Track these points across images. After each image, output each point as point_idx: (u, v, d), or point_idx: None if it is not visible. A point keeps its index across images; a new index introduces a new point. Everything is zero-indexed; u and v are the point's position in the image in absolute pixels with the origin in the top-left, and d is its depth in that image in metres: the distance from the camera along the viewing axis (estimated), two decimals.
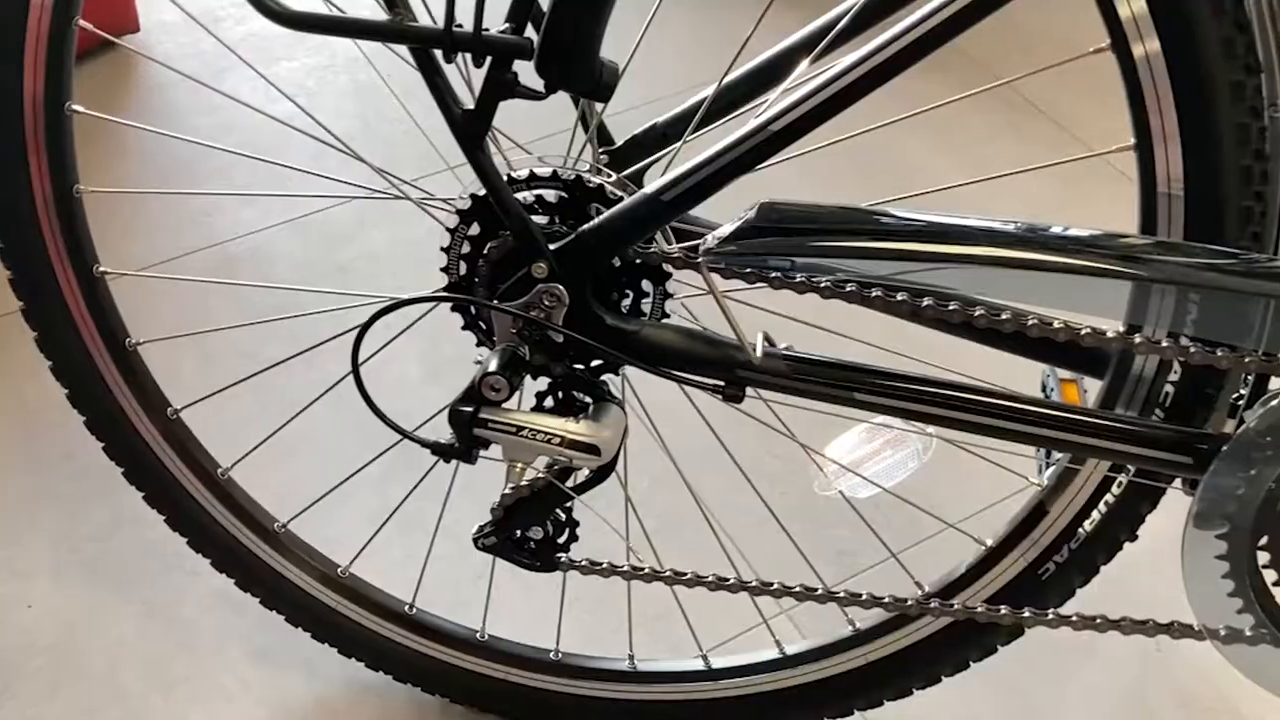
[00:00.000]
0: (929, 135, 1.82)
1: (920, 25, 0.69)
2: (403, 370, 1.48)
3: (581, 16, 0.70)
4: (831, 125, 0.75)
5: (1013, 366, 0.91)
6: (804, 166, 0.86)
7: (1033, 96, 1.89)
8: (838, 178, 1.60)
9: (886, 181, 1.73)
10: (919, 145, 1.81)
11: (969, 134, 1.84)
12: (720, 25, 0.77)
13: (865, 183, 1.65)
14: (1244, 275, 0.75)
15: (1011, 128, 1.86)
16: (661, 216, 0.78)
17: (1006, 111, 1.88)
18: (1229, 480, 0.79)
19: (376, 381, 0.87)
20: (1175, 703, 1.21)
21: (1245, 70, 0.72)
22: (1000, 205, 1.72)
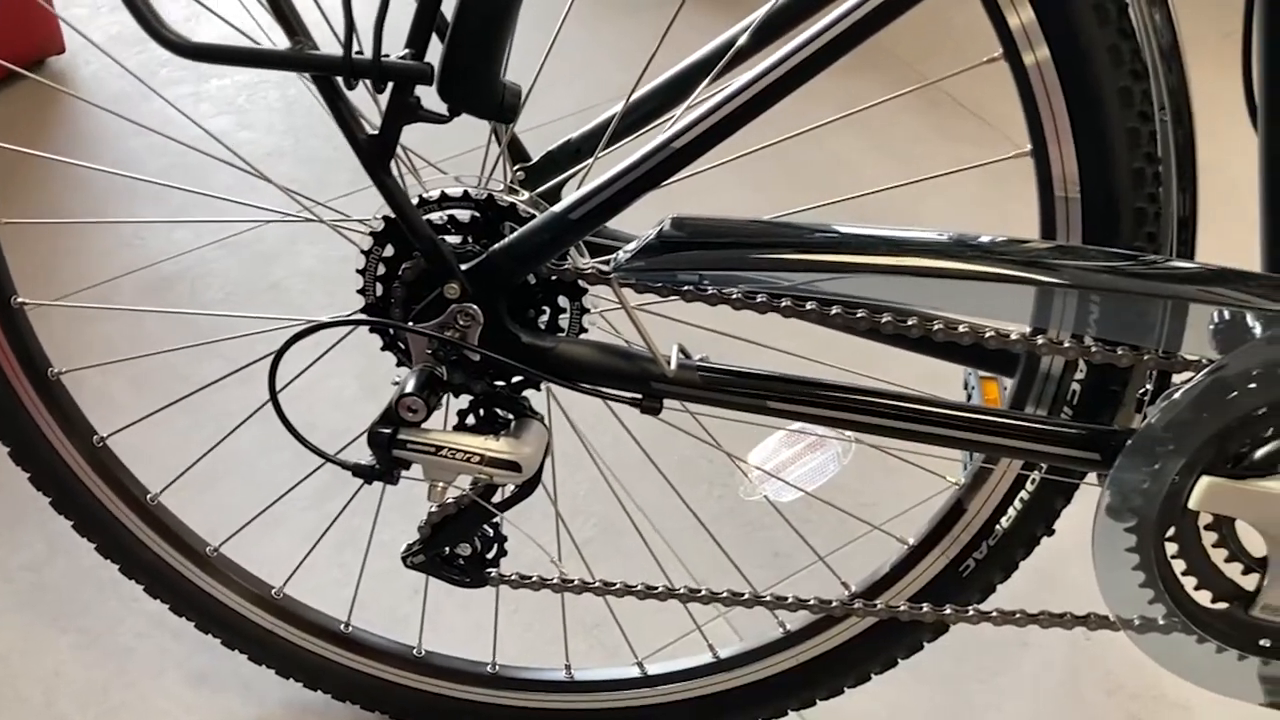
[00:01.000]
0: (860, 137, 1.84)
1: (813, 42, 0.71)
2: (340, 387, 1.48)
3: (480, 41, 0.71)
4: (763, 127, 0.76)
5: (939, 368, 0.93)
6: (737, 170, 0.88)
7: (961, 97, 1.91)
8: (770, 181, 1.62)
9: (818, 183, 1.75)
10: (851, 147, 1.83)
11: (899, 134, 1.87)
12: (658, 30, 0.79)
13: (797, 185, 1.67)
14: (1140, 277, 0.77)
15: (941, 128, 1.88)
16: (571, 234, 0.79)
17: (935, 112, 1.90)
18: (1134, 475, 0.81)
19: (313, 400, 0.87)
20: (1105, 689, 1.24)
21: (1132, 76, 0.74)
22: (930, 204, 1.76)
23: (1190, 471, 0.80)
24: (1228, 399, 0.77)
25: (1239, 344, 0.77)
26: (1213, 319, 0.80)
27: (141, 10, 0.69)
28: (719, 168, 0.82)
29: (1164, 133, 0.78)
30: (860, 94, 0.89)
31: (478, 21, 0.70)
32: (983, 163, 0.84)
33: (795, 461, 0.97)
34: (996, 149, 0.82)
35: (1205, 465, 0.79)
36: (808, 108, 0.88)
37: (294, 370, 1.01)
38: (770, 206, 0.88)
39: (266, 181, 0.94)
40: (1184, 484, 0.80)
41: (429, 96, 0.76)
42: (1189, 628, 0.86)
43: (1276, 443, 0.79)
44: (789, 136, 0.90)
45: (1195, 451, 0.79)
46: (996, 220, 1.68)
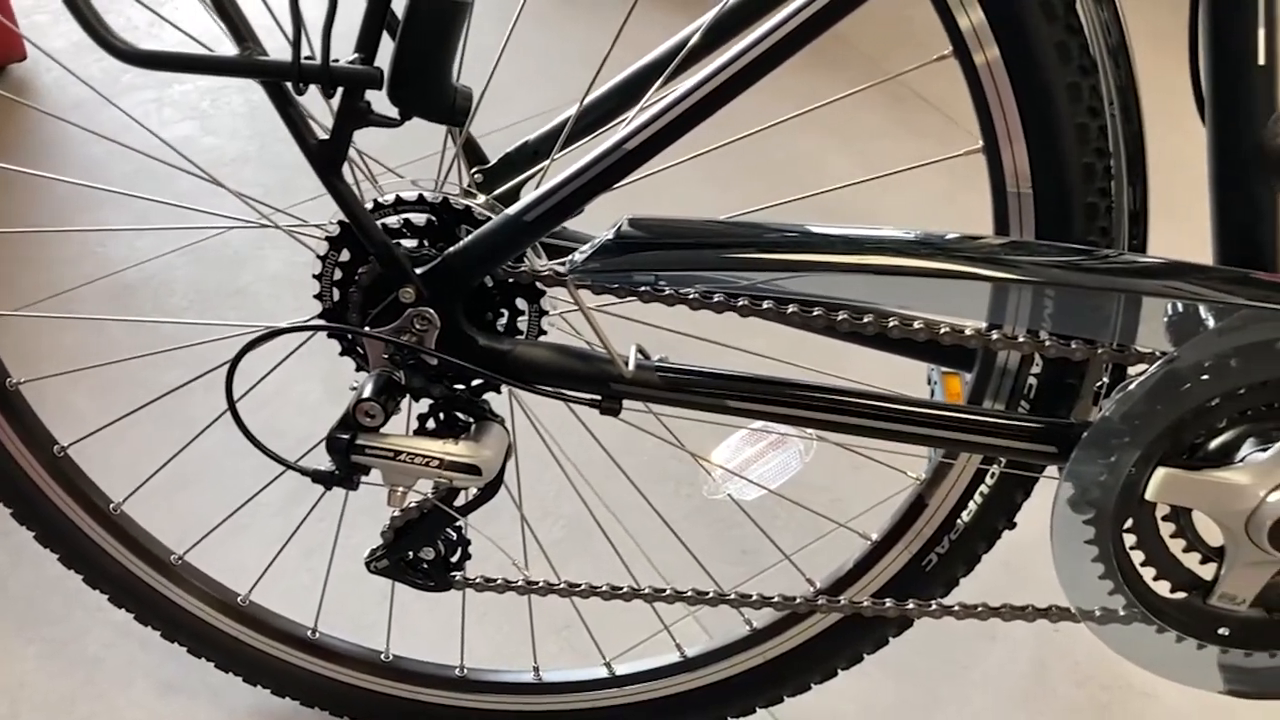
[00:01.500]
0: (825, 134, 1.85)
1: (762, 42, 0.71)
2: (305, 392, 1.47)
3: (429, 45, 0.71)
4: (727, 125, 0.76)
5: (906, 366, 0.93)
6: (702, 168, 0.88)
7: (925, 92, 1.92)
8: (736, 178, 1.62)
9: (783, 181, 1.76)
10: (816, 144, 1.84)
11: (864, 131, 1.87)
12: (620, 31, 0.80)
13: (762, 182, 1.68)
14: (1092, 271, 0.78)
15: (905, 123, 1.89)
16: (525, 236, 0.79)
17: (900, 108, 1.91)
18: (1091, 467, 0.81)
19: (279, 406, 0.86)
20: (1073, 681, 1.24)
21: (1080, 72, 0.75)
22: (892, 200, 1.76)
23: (1146, 463, 0.80)
24: (1181, 390, 0.77)
25: (1192, 336, 0.78)
26: (1166, 312, 0.81)
27: (87, 17, 0.68)
28: (685, 167, 0.83)
29: (1114, 128, 0.78)
30: (824, 91, 0.89)
31: (426, 25, 0.70)
32: (934, 160, 0.84)
33: (758, 460, 0.98)
34: (960, 144, 0.82)
35: (1161, 456, 0.80)
36: (772, 105, 0.88)
37: (254, 377, 1.01)
38: (736, 204, 0.89)
39: (221, 188, 0.94)
40: (1140, 475, 0.81)
41: (381, 101, 0.76)
42: (1149, 618, 0.86)
43: (1230, 433, 0.80)
44: (749, 134, 0.90)
45: (1150, 443, 0.79)
46: (958, 215, 1.69)
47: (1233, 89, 0.74)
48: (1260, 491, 0.79)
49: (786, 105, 0.88)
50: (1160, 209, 0.92)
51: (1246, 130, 0.75)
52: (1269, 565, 0.82)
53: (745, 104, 0.81)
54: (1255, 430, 0.80)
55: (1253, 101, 0.74)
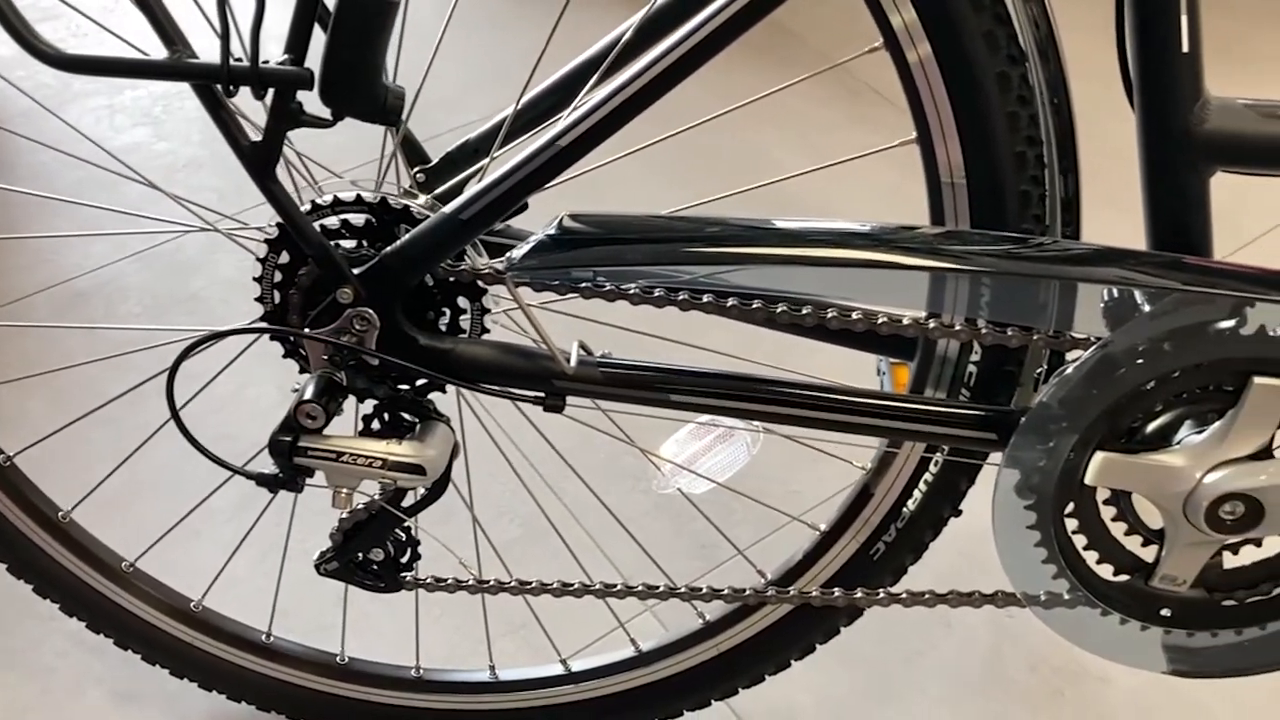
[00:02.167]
0: (780, 129, 1.86)
1: (690, 38, 0.71)
2: (258, 396, 1.47)
3: (358, 44, 0.71)
4: (678, 122, 0.76)
5: (859, 358, 0.93)
6: (657, 164, 0.88)
7: (878, 85, 1.93)
8: (691, 174, 1.63)
9: (738, 175, 1.75)
10: (770, 139, 1.85)
11: (818, 125, 1.88)
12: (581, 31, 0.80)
13: (717, 177, 1.68)
14: (1027, 259, 0.79)
15: (859, 117, 1.90)
16: (462, 235, 0.79)
17: (855, 102, 1.92)
18: (1030, 453, 0.82)
19: (233, 410, 0.86)
20: (1028, 666, 1.26)
21: (1009, 61, 0.76)
22: (845, 190, 1.77)
23: (1085, 447, 0.81)
24: (1116, 375, 0.78)
25: (1127, 321, 0.79)
26: (1102, 297, 0.82)
27: (11, 21, 0.68)
28: (641, 163, 0.83)
29: (1044, 117, 0.79)
30: (768, 83, 0.90)
31: (355, 25, 0.70)
32: (871, 151, 0.85)
33: (706, 453, 0.98)
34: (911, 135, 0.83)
35: (1099, 441, 0.81)
36: (728, 102, 0.89)
37: (201, 381, 1.01)
38: (690, 199, 0.89)
39: (160, 192, 0.94)
40: (1080, 460, 0.81)
41: (316, 102, 0.76)
42: (1093, 601, 0.87)
43: (1167, 416, 0.81)
44: (690, 127, 0.90)
45: (1088, 428, 0.80)
46: (907, 205, 1.70)
47: (1159, 76, 0.75)
48: (1196, 473, 0.80)
49: (736, 100, 0.89)
50: (1104, 198, 0.93)
51: (1174, 117, 0.76)
52: (1207, 546, 0.84)
53: (700, 100, 0.82)
54: (1192, 412, 0.81)
55: (1179, 88, 0.75)
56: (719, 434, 0.97)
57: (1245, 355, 0.77)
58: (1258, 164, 0.78)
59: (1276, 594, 0.87)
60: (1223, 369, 0.78)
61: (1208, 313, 0.77)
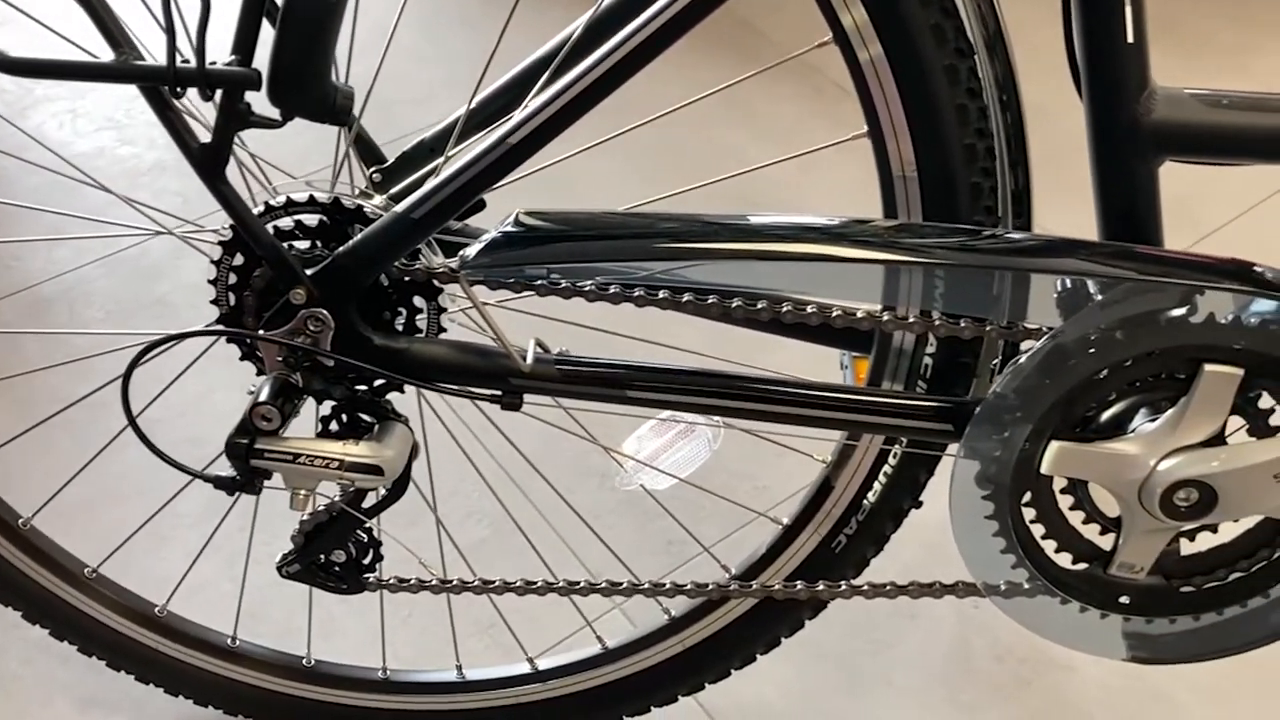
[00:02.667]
0: (746, 126, 1.86)
1: (637, 34, 0.71)
2: (224, 400, 1.46)
3: (305, 44, 0.71)
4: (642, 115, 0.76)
5: (824, 354, 0.94)
6: (625, 161, 0.88)
7: (842, 81, 1.93)
8: (658, 171, 1.63)
9: (704, 172, 1.76)
10: (737, 136, 1.85)
11: (784, 122, 1.89)
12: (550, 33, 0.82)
13: (684, 174, 1.68)
14: (978, 251, 0.79)
15: (824, 114, 1.91)
16: (414, 234, 0.78)
17: (819, 98, 1.93)
18: (985, 443, 0.82)
19: (199, 415, 0.86)
20: (994, 655, 1.26)
21: (957, 54, 0.76)
22: (810, 183, 1.78)
23: (1040, 437, 0.82)
24: (1068, 364, 0.79)
25: (1081, 310, 0.79)
26: (1056, 288, 0.82)
27: None
28: (613, 161, 0.83)
29: (994, 110, 0.79)
30: (740, 87, 0.90)
31: (302, 25, 0.70)
32: (822, 146, 0.85)
33: (668, 449, 0.98)
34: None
35: (1054, 430, 0.81)
36: (689, 97, 0.89)
37: (159, 385, 1.00)
38: (660, 196, 0.89)
39: (111, 195, 0.93)
40: (1035, 450, 0.82)
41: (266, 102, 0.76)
42: (1052, 590, 0.88)
43: (1121, 404, 0.82)
44: (647, 121, 0.90)
45: (1042, 417, 0.81)
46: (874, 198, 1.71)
47: (1105, 68, 0.76)
48: (1150, 461, 0.81)
49: (709, 99, 0.89)
50: (1066, 189, 0.93)
51: (1121, 107, 0.76)
52: (1163, 533, 0.84)
53: (670, 98, 0.82)
54: (1145, 401, 0.81)
55: (1125, 79, 0.76)
56: (680, 430, 0.98)
57: (1195, 343, 0.78)
58: (1204, 153, 0.78)
59: (1233, 580, 0.87)
60: (1174, 357, 0.79)
61: (1158, 301, 0.78)
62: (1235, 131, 0.77)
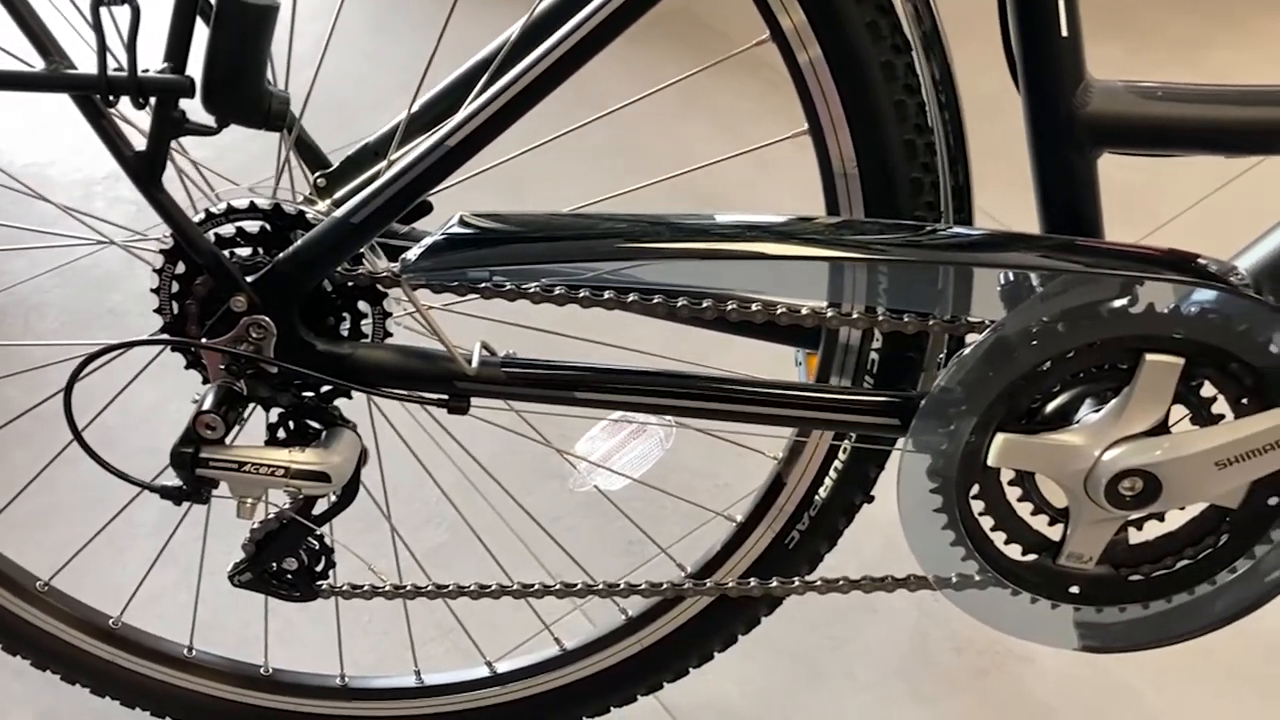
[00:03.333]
0: (705, 124, 1.87)
1: (569, 39, 0.71)
2: (179, 409, 1.44)
3: (238, 50, 0.70)
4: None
5: (781, 352, 0.94)
6: (582, 160, 0.88)
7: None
8: (617, 170, 1.63)
9: (662, 170, 1.77)
10: (696, 133, 1.86)
11: (742, 120, 1.89)
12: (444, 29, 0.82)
13: (641, 172, 1.68)
14: (919, 246, 0.79)
15: (780, 110, 1.91)
16: (354, 239, 0.78)
17: (775, 96, 1.93)
18: (932, 437, 0.83)
19: (156, 424, 0.85)
20: (953, 648, 1.27)
21: (894, 51, 0.76)
22: (767, 180, 1.78)
23: (985, 430, 0.82)
24: (1011, 356, 0.79)
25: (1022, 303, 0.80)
26: (999, 281, 0.83)
27: None
28: (573, 161, 0.82)
29: (932, 106, 0.80)
30: (697, 81, 0.90)
31: (234, 31, 0.70)
32: (761, 145, 0.86)
33: (620, 449, 0.98)
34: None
35: (999, 422, 0.82)
36: (657, 98, 0.89)
37: (126, 396, 0.99)
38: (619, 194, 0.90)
39: (48, 203, 0.93)
40: (981, 442, 0.82)
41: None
42: (1003, 582, 0.88)
43: (1066, 395, 0.82)
44: (597, 118, 0.90)
45: (987, 410, 0.81)
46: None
47: (1041, 62, 0.76)
48: (1095, 451, 0.81)
49: (665, 96, 0.90)
50: (1020, 184, 0.94)
51: (1057, 101, 0.77)
52: (1110, 522, 0.85)
53: (618, 95, 0.82)
54: (1089, 391, 0.82)
55: (1061, 72, 0.76)
56: (632, 430, 0.98)
57: (1136, 333, 0.79)
58: (1140, 145, 0.79)
59: (1180, 568, 0.88)
60: (1116, 347, 0.79)
61: (1098, 292, 0.78)
62: (1169, 123, 0.78)
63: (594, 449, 0.98)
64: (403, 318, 0.87)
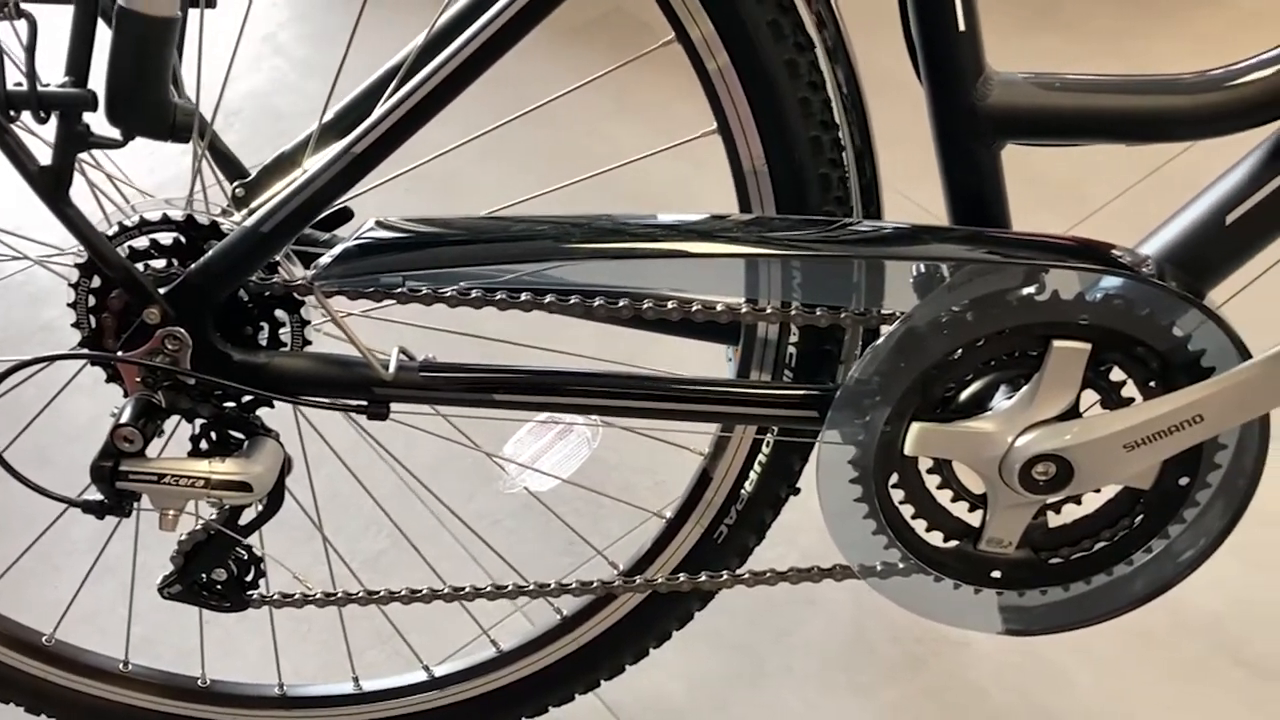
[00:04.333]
0: (638, 125, 1.87)
1: (474, 40, 0.72)
2: None
3: (139, 63, 0.70)
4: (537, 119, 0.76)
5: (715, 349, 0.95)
6: (520, 166, 0.88)
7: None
8: (554, 172, 1.63)
9: (593, 168, 1.77)
10: (630, 134, 1.86)
11: (676, 122, 1.89)
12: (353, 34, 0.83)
13: (573, 172, 1.69)
14: (829, 241, 0.81)
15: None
16: (265, 249, 0.78)
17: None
18: (848, 428, 0.84)
19: (92, 439, 0.84)
20: (890, 637, 1.28)
21: (797, 49, 0.77)
22: (700, 176, 1.79)
23: (901, 419, 0.83)
24: (922, 346, 0.81)
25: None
26: (912, 272, 0.84)
27: None
28: (502, 164, 0.82)
29: (839, 103, 0.81)
30: (631, 82, 0.91)
31: (135, 44, 0.70)
32: (672, 145, 0.87)
33: (548, 450, 0.99)
34: None
35: (914, 412, 0.83)
36: (586, 97, 0.90)
37: (48, 412, 0.99)
38: (553, 196, 0.91)
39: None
40: (897, 432, 0.84)
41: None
42: (925, 569, 0.90)
43: (978, 384, 0.83)
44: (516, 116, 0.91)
45: (901, 399, 0.82)
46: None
47: (941, 56, 0.78)
48: (1008, 437, 0.83)
49: (599, 97, 0.91)
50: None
51: (958, 93, 0.78)
52: (1027, 507, 0.86)
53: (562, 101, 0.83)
54: (1002, 379, 0.83)
55: (960, 66, 0.77)
56: (559, 430, 0.98)
57: (1043, 320, 0.80)
58: (1040, 135, 0.80)
59: (1098, 550, 0.89)
60: (1024, 335, 0.81)
61: (1004, 281, 0.80)
62: (1068, 113, 0.80)
63: (521, 450, 0.98)
64: (324, 325, 0.87)
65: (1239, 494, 0.86)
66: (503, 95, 0.88)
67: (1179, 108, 0.78)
